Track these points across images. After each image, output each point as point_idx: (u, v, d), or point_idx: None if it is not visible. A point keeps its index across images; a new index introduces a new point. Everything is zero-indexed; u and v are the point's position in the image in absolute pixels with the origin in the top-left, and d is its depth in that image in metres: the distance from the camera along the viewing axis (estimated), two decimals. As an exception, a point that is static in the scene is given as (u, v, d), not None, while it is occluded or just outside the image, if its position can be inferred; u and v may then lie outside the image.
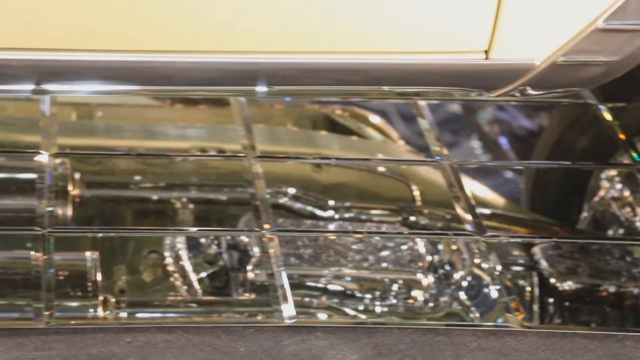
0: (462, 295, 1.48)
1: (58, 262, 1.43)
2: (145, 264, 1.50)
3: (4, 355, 1.28)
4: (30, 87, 1.41)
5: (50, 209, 1.47)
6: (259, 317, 1.42)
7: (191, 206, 1.54)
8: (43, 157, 1.53)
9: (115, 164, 1.56)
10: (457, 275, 1.50)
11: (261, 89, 1.43)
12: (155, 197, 1.55)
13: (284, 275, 1.44)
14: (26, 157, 1.52)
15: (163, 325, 1.37)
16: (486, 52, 1.37)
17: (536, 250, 1.52)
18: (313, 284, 1.48)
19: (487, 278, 1.48)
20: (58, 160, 1.53)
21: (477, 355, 1.34)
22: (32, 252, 1.43)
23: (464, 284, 1.49)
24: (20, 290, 1.41)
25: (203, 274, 1.50)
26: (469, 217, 1.53)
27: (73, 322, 1.38)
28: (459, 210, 1.54)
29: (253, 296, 1.47)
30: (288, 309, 1.40)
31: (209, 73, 1.41)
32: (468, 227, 1.52)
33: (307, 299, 1.46)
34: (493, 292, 1.46)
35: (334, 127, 1.68)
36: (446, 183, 1.58)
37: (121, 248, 1.50)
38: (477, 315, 1.44)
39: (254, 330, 1.38)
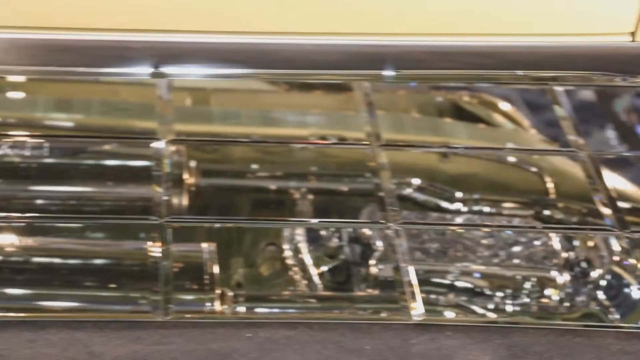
0: (601, 294, 1.40)
1: (174, 253, 1.38)
2: (262, 257, 1.45)
3: (123, 349, 1.24)
4: (149, 70, 1.37)
5: (166, 197, 1.42)
6: (384, 314, 1.35)
7: (310, 196, 1.48)
8: (159, 144, 1.48)
9: (232, 152, 1.51)
10: (594, 274, 1.42)
11: (388, 72, 1.37)
12: (272, 186, 1.49)
13: (411, 270, 1.38)
14: (142, 143, 1.48)
15: (285, 321, 1.32)
16: (632, 34, 1.29)
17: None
18: (439, 280, 1.41)
19: (628, 277, 1.40)
20: (174, 148, 1.48)
21: (620, 358, 1.26)
22: (148, 243, 1.39)
23: (603, 282, 1.41)
24: (136, 282, 1.36)
25: (323, 268, 1.44)
26: (608, 211, 1.45)
27: (189, 315, 1.33)
28: (598, 204, 1.46)
29: (377, 292, 1.40)
30: (415, 306, 1.33)
31: (334, 56, 1.36)
32: (607, 222, 1.45)
33: (433, 296, 1.39)
34: (635, 292, 1.38)
35: (461, 114, 1.60)
36: (583, 174, 1.50)
37: (238, 240, 1.45)
38: (617, 316, 1.35)
39: (380, 327, 1.31)
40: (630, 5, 1.31)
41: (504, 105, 1.61)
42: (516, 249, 1.45)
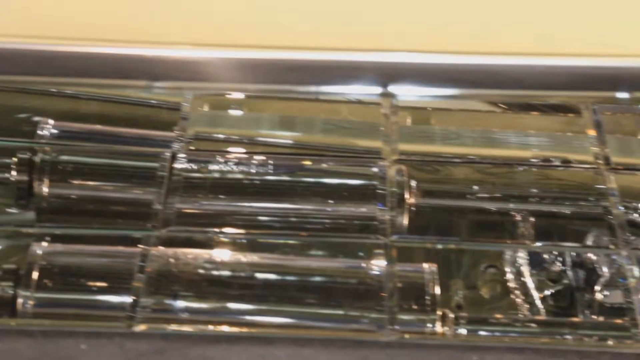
0: None
1: (396, 272, 1.38)
2: (482, 279, 1.43)
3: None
4: (377, 89, 1.38)
5: (389, 216, 1.42)
6: (611, 342, 1.32)
7: (532, 219, 1.45)
8: (383, 163, 1.48)
9: (452, 172, 1.49)
10: None
11: (622, 95, 1.34)
12: (493, 208, 1.47)
13: (644, 298, 1.33)
14: (365, 162, 1.48)
15: (511, 345, 1.30)
16: None
17: None
18: (668, 309, 1.36)
19: None
20: (395, 167, 1.47)
21: None
22: (370, 261, 1.39)
23: None
24: (356, 300, 1.36)
25: (546, 292, 1.41)
26: None
27: (409, 336, 1.32)
28: None
29: (601, 319, 1.36)
30: (646, 335, 1.29)
31: (564, 77, 1.33)
32: None
33: (664, 325, 1.34)
34: None
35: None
36: None
37: (457, 261, 1.43)
38: None
39: (610, 356, 1.28)
40: None
41: None
42: None
